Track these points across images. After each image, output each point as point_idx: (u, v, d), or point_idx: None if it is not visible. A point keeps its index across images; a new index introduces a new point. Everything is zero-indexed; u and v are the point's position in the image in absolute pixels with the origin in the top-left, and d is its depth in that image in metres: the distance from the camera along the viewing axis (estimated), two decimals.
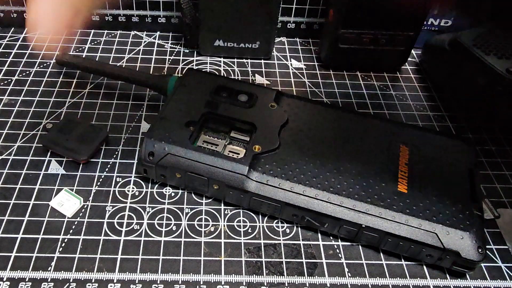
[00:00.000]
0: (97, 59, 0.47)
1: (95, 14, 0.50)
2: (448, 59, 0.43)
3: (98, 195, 0.34)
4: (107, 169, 0.36)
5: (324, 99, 0.45)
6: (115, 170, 0.36)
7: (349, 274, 0.31)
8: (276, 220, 0.34)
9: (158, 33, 0.51)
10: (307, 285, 0.30)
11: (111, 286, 0.29)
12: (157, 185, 0.35)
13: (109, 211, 0.33)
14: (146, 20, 0.51)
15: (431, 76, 0.48)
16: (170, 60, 0.48)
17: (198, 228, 0.33)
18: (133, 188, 0.35)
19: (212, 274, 0.30)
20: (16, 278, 0.29)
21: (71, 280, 0.29)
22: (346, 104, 0.44)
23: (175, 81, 0.39)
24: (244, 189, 0.32)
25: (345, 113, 0.37)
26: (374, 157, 0.34)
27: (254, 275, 0.30)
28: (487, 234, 0.34)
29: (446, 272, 0.32)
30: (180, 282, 0.30)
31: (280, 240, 0.33)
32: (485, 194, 0.37)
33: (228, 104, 0.36)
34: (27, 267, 0.30)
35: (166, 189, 0.35)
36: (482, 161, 0.40)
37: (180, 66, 0.47)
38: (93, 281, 0.29)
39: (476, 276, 0.31)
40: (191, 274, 0.30)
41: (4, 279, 0.29)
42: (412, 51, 0.51)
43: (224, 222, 0.33)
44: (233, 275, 0.30)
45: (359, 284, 0.30)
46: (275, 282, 0.30)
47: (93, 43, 0.49)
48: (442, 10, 0.43)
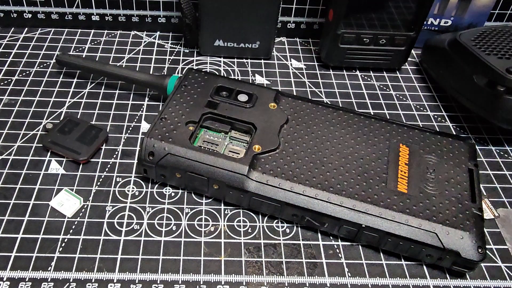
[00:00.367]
0: (97, 59, 0.47)
1: (95, 14, 0.50)
2: (448, 59, 0.43)
3: (98, 195, 0.34)
4: (107, 169, 0.36)
5: (324, 99, 0.45)
6: (115, 170, 0.36)
7: (349, 274, 0.31)
8: (276, 220, 0.34)
9: (158, 33, 0.51)
10: (307, 285, 0.30)
11: (111, 286, 0.29)
12: (157, 185, 0.35)
13: (109, 211, 0.33)
14: (146, 20, 0.51)
15: (431, 76, 0.48)
16: (170, 60, 0.48)
17: (198, 228, 0.33)
18: (133, 188, 0.35)
19: (212, 274, 0.30)
20: (16, 278, 0.29)
21: (71, 280, 0.29)
22: (346, 104, 0.44)
23: (175, 81, 0.39)
24: (244, 189, 0.32)
25: (345, 113, 0.37)
26: (374, 157, 0.34)
27: (254, 275, 0.30)
28: (487, 234, 0.34)
29: (446, 272, 0.32)
30: (180, 282, 0.30)
31: (280, 240, 0.33)
32: (485, 194, 0.37)
33: (228, 104, 0.36)
34: (27, 267, 0.30)
35: (166, 189, 0.35)
36: (482, 161, 0.40)
37: (180, 66, 0.47)
38: (93, 281, 0.29)
39: (476, 276, 0.31)
40: (191, 274, 0.30)
41: (4, 279, 0.29)
42: (412, 51, 0.51)
43: (224, 222, 0.33)
44: (233, 275, 0.30)
45: (359, 284, 0.30)
46: (275, 282, 0.30)
47: (93, 43, 0.49)
48: None
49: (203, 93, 0.37)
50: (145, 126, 0.40)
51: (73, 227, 0.32)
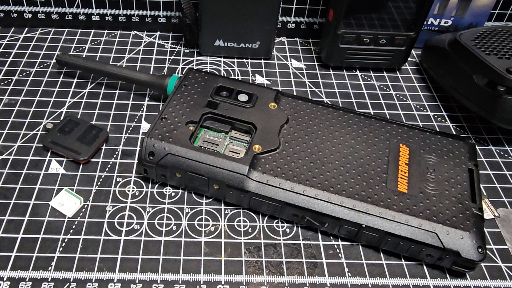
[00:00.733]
0: (97, 59, 0.47)
1: (95, 14, 0.50)
2: (448, 59, 0.43)
3: (98, 195, 0.34)
4: (107, 169, 0.36)
5: (324, 99, 0.45)
6: (115, 170, 0.36)
7: (349, 274, 0.31)
8: (276, 220, 0.34)
9: (158, 33, 0.51)
10: (307, 285, 0.30)
11: (111, 286, 0.29)
12: (157, 185, 0.35)
13: (109, 211, 0.33)
14: (146, 20, 0.51)
15: (431, 76, 0.48)
16: (170, 60, 0.48)
17: (198, 228, 0.33)
18: (133, 188, 0.35)
19: (212, 274, 0.30)
20: (17, 278, 0.29)
21: (72, 280, 0.29)
22: (346, 104, 0.44)
23: (175, 81, 0.39)
24: (244, 189, 0.32)
25: (345, 113, 0.37)
26: (374, 157, 0.34)
27: (254, 275, 0.30)
28: (487, 234, 0.34)
29: (446, 272, 0.32)
30: (180, 282, 0.30)
31: (280, 240, 0.33)
32: (485, 194, 0.37)
33: (228, 104, 0.36)
34: (28, 267, 0.30)
35: (166, 189, 0.35)
36: (482, 161, 0.40)
37: (180, 66, 0.47)
38: (94, 281, 0.29)
39: (476, 276, 0.31)
40: (191, 274, 0.30)
41: (5, 279, 0.29)
42: (412, 51, 0.51)
43: (224, 222, 0.33)
44: (233, 275, 0.30)
45: (359, 284, 0.30)
46: (275, 282, 0.30)
47: (93, 43, 0.49)
48: None
49: (203, 93, 0.37)
50: (145, 126, 0.40)
51: (73, 227, 0.32)
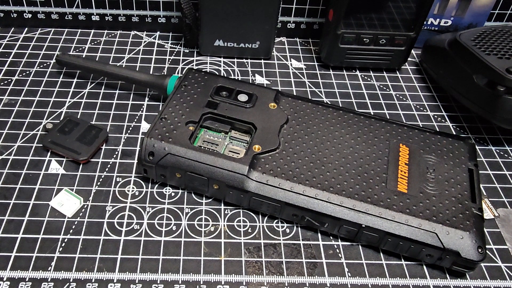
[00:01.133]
0: (97, 59, 0.47)
1: (95, 14, 0.50)
2: (448, 59, 0.43)
3: (98, 195, 0.34)
4: (107, 169, 0.36)
5: (324, 99, 0.45)
6: (115, 170, 0.36)
7: (349, 274, 0.31)
8: (276, 220, 0.34)
9: (158, 33, 0.51)
10: (307, 285, 0.30)
11: (111, 286, 0.29)
12: (157, 185, 0.35)
13: (109, 211, 0.33)
14: (146, 20, 0.51)
15: (431, 76, 0.48)
16: (170, 60, 0.48)
17: (198, 228, 0.33)
18: (133, 188, 0.35)
19: (212, 274, 0.30)
20: (16, 278, 0.29)
21: (71, 280, 0.29)
22: (346, 104, 0.44)
23: (175, 81, 0.39)
24: (244, 189, 0.32)
25: (345, 113, 0.37)
26: (374, 157, 0.34)
27: (254, 275, 0.30)
28: (487, 234, 0.34)
29: (446, 272, 0.32)
30: (180, 282, 0.30)
31: (280, 240, 0.33)
32: (485, 194, 0.37)
33: (228, 104, 0.36)
34: (27, 267, 0.30)
35: (166, 189, 0.35)
36: (482, 161, 0.40)
37: (180, 66, 0.47)
38: (93, 281, 0.29)
39: (476, 276, 0.31)
40: (191, 274, 0.30)
41: (4, 279, 0.29)
42: (412, 51, 0.51)
43: (224, 222, 0.33)
44: (233, 275, 0.30)
45: (359, 284, 0.30)
46: (275, 282, 0.30)
47: (93, 43, 0.49)
48: None
49: (203, 93, 0.37)
50: (145, 126, 0.40)
51: (73, 227, 0.32)
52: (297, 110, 0.37)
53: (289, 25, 0.51)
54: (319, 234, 0.33)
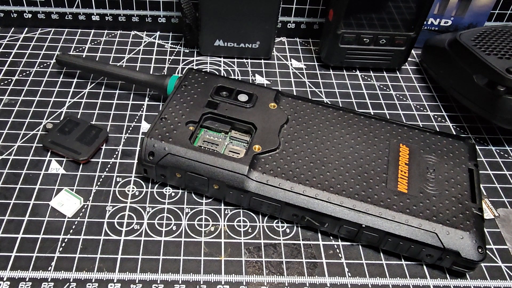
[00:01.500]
0: (97, 59, 0.47)
1: (95, 14, 0.50)
2: (448, 59, 0.43)
3: (98, 195, 0.34)
4: (107, 169, 0.36)
5: (324, 99, 0.45)
6: (115, 170, 0.36)
7: (349, 274, 0.31)
8: (276, 220, 0.34)
9: (158, 33, 0.51)
10: (307, 285, 0.30)
11: (111, 286, 0.29)
12: (157, 185, 0.35)
13: (109, 211, 0.33)
14: (146, 20, 0.51)
15: (431, 76, 0.48)
16: (170, 60, 0.48)
17: (198, 228, 0.33)
18: (133, 188, 0.35)
19: (212, 274, 0.30)
20: (16, 278, 0.29)
21: (71, 280, 0.29)
22: (346, 104, 0.44)
23: (175, 81, 0.39)
24: (244, 189, 0.32)
25: (345, 113, 0.37)
26: (374, 157, 0.34)
27: (254, 275, 0.30)
28: (487, 234, 0.34)
29: (446, 272, 0.32)
30: (180, 282, 0.30)
31: (280, 240, 0.33)
32: (485, 194, 0.37)
33: (228, 104, 0.36)
34: (27, 267, 0.30)
35: (166, 189, 0.35)
36: (482, 161, 0.40)
37: (180, 66, 0.47)
38: (93, 281, 0.29)
39: (476, 276, 0.31)
40: (191, 274, 0.30)
41: (4, 279, 0.29)
42: (412, 51, 0.51)
43: (224, 222, 0.33)
44: (233, 275, 0.30)
45: (359, 284, 0.30)
46: (275, 282, 0.30)
47: (93, 43, 0.49)
48: None
49: (203, 93, 0.37)
50: (145, 126, 0.40)
51: (73, 227, 0.32)
52: (297, 110, 0.37)
53: (289, 25, 0.51)
54: (319, 234, 0.33)
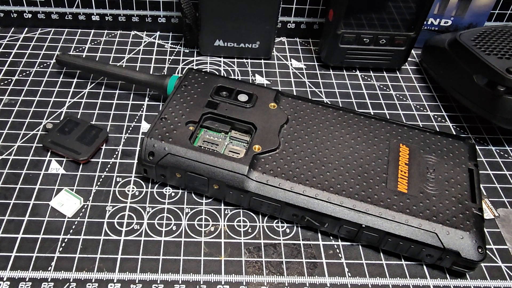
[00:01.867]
0: (97, 59, 0.47)
1: (95, 14, 0.50)
2: (448, 59, 0.43)
3: (98, 195, 0.34)
4: (107, 169, 0.36)
5: (324, 99, 0.45)
6: (115, 170, 0.36)
7: (349, 274, 0.31)
8: (276, 220, 0.34)
9: (158, 33, 0.51)
10: (307, 285, 0.30)
11: (111, 286, 0.29)
12: (157, 185, 0.35)
13: (109, 211, 0.33)
14: (146, 20, 0.51)
15: (431, 76, 0.48)
16: (170, 60, 0.48)
17: (198, 228, 0.33)
18: (133, 188, 0.35)
19: (212, 274, 0.30)
20: (16, 278, 0.29)
21: (71, 280, 0.29)
22: (346, 104, 0.44)
23: (175, 81, 0.39)
24: (244, 189, 0.32)
25: (345, 113, 0.37)
26: (374, 157, 0.34)
27: (254, 275, 0.30)
28: (487, 234, 0.34)
29: (446, 272, 0.32)
30: (180, 282, 0.30)
31: (280, 240, 0.33)
32: (485, 194, 0.37)
33: (228, 104, 0.36)
34: (27, 267, 0.30)
35: (166, 189, 0.35)
36: (482, 161, 0.40)
37: (180, 66, 0.47)
38: (93, 281, 0.29)
39: (476, 276, 0.31)
40: (191, 274, 0.30)
41: (4, 279, 0.29)
42: (412, 51, 0.51)
43: (224, 222, 0.33)
44: (233, 275, 0.30)
45: (359, 284, 0.30)
46: (275, 282, 0.30)
47: (93, 43, 0.49)
48: None
49: (203, 93, 0.37)
50: (145, 126, 0.40)
51: (73, 227, 0.32)
52: (297, 110, 0.37)
53: (289, 25, 0.51)
54: (319, 234, 0.33)
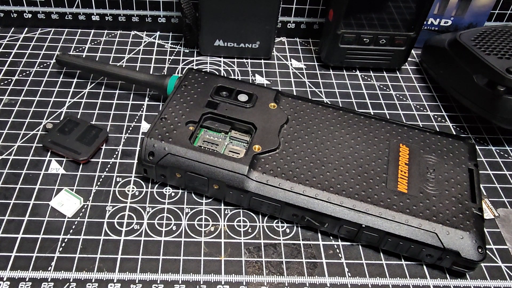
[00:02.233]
0: (97, 59, 0.47)
1: (95, 14, 0.50)
2: (448, 59, 0.43)
3: (98, 195, 0.34)
4: (107, 169, 0.36)
5: (324, 99, 0.45)
6: (115, 170, 0.36)
7: (349, 274, 0.31)
8: (276, 220, 0.34)
9: (158, 33, 0.51)
10: (307, 285, 0.30)
11: (111, 286, 0.29)
12: (157, 185, 0.35)
13: (109, 211, 0.33)
14: (146, 20, 0.51)
15: (431, 76, 0.48)
16: (170, 60, 0.48)
17: (198, 228, 0.33)
18: (133, 188, 0.35)
19: (212, 274, 0.30)
20: (16, 278, 0.29)
21: (71, 280, 0.29)
22: (346, 104, 0.44)
23: (175, 81, 0.39)
24: (244, 189, 0.32)
25: (345, 113, 0.37)
26: (374, 157, 0.34)
27: (254, 275, 0.30)
28: (487, 234, 0.34)
29: (446, 272, 0.32)
30: (180, 282, 0.30)
31: (280, 240, 0.33)
32: (485, 194, 0.37)
33: (228, 104, 0.36)
34: (27, 267, 0.30)
35: (166, 189, 0.35)
36: (482, 161, 0.40)
37: (180, 66, 0.47)
38: (93, 281, 0.29)
39: (476, 276, 0.31)
40: (191, 274, 0.30)
41: (4, 279, 0.29)
42: (412, 51, 0.51)
43: (224, 222, 0.33)
44: (233, 275, 0.30)
45: (359, 284, 0.30)
46: (275, 282, 0.30)
47: (93, 43, 0.49)
48: None
49: (203, 93, 0.37)
50: (145, 126, 0.40)
51: (73, 227, 0.32)
52: (297, 110, 0.37)
53: (289, 25, 0.51)
54: (319, 234, 0.33)
